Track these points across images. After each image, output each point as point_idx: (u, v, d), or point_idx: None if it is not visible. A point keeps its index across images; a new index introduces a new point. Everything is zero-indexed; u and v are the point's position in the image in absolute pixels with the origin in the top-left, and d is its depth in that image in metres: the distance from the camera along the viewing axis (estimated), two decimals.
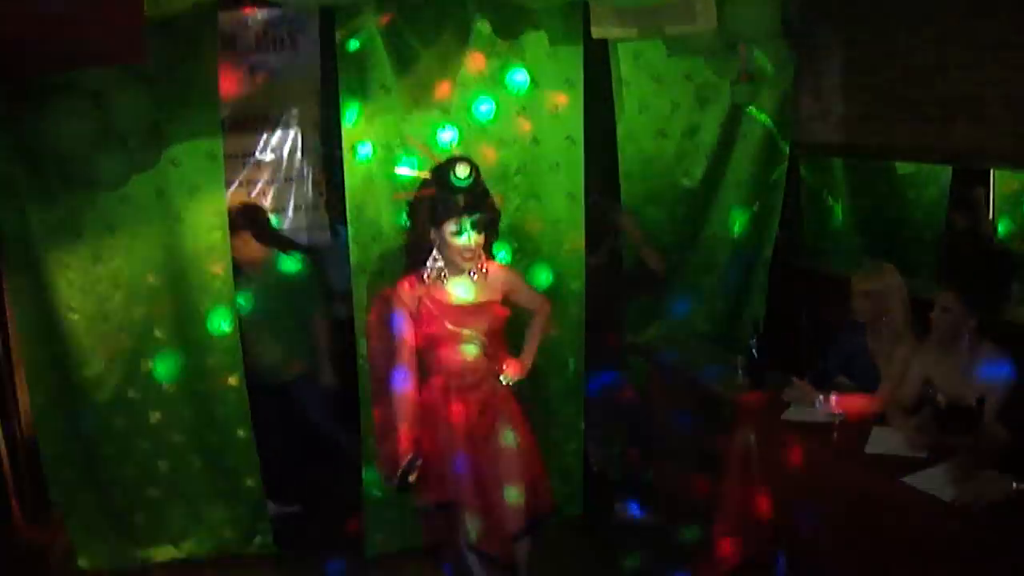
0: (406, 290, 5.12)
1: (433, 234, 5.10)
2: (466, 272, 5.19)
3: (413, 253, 5.25)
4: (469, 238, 5.04)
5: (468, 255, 5.08)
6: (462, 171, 4.94)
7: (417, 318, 5.12)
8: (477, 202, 5.06)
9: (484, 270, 5.23)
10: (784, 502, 5.20)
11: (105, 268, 5.61)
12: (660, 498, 6.41)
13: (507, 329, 5.39)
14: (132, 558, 5.92)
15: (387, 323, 5.14)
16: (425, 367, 5.21)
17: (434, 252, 5.14)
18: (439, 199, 5.01)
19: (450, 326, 5.10)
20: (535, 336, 5.52)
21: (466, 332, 5.13)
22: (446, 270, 5.15)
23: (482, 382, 5.22)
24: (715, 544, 5.50)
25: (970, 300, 4.93)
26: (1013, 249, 6.76)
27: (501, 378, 5.29)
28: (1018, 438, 4.56)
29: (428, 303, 5.10)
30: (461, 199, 4.99)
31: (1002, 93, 5.27)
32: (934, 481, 4.44)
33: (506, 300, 5.33)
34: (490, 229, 5.22)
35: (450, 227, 5.02)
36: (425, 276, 5.14)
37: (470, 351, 5.16)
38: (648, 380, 6.58)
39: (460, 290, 5.19)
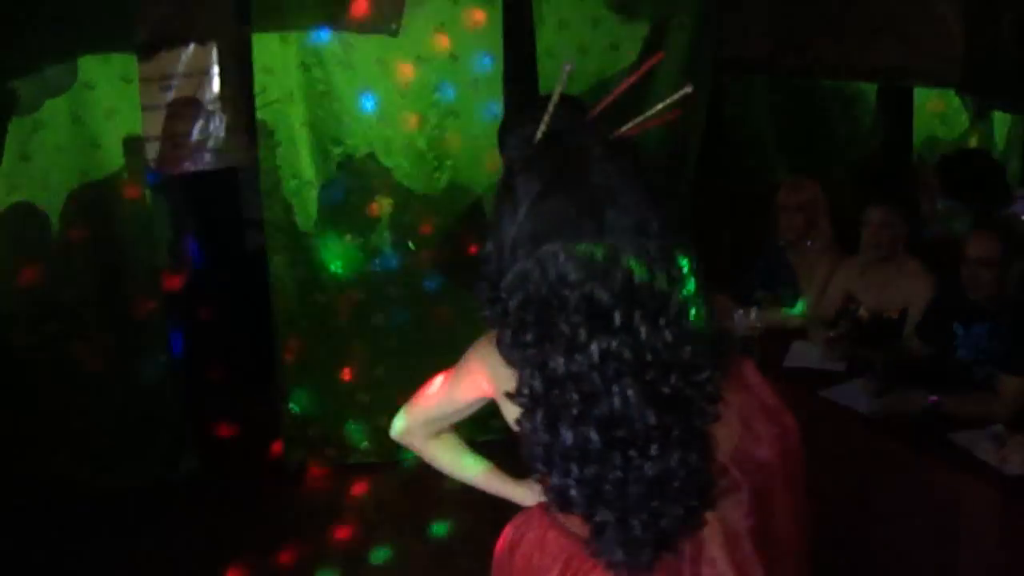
0: None
1: None
2: None
3: None
4: None
5: None
6: None
7: None
8: None
9: None
10: None
11: (20, 197, 5.44)
12: None
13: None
14: (56, 490, 5.80)
15: None
16: None
17: None
18: None
19: None
20: None
21: None
22: None
23: None
24: None
25: (904, 215, 4.98)
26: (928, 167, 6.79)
27: None
28: (933, 351, 4.60)
29: None
30: None
31: (925, 10, 5.26)
32: (851, 394, 4.48)
33: None
34: None
35: None
36: None
37: None
38: None
39: None
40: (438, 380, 2.42)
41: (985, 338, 4.37)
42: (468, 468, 2.61)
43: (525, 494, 2.54)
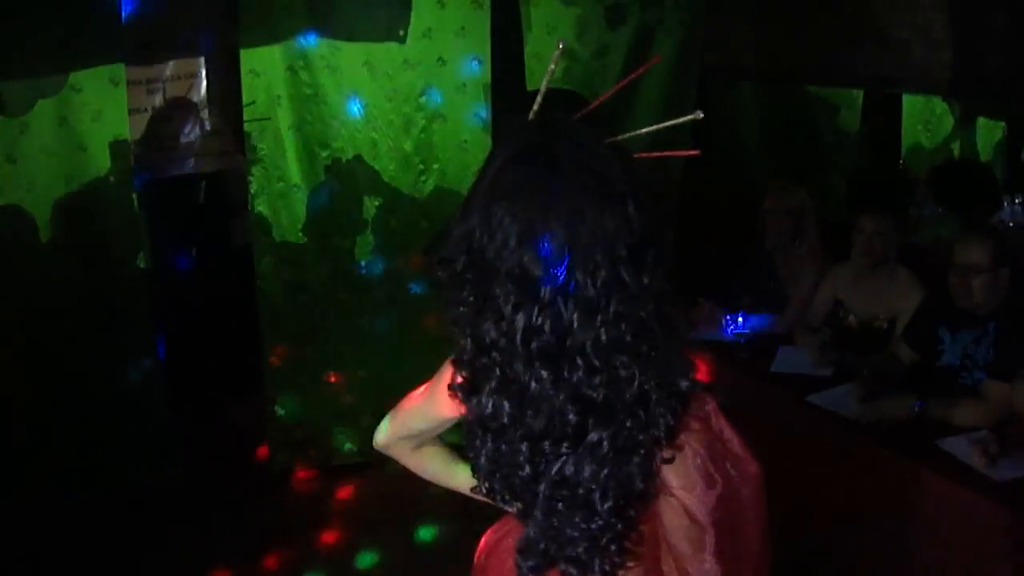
0: None
1: None
2: None
3: None
4: None
5: None
6: None
7: None
8: None
9: None
10: None
11: (7, 201, 5.41)
12: None
13: None
14: (40, 494, 5.76)
15: None
16: None
17: None
18: None
19: None
20: None
21: None
22: None
23: None
24: None
25: (896, 223, 5.01)
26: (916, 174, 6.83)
27: None
28: (920, 357, 4.61)
29: None
30: None
31: (910, 17, 5.27)
32: (839, 400, 4.49)
33: None
34: None
35: None
36: None
37: None
38: None
39: None
40: (418, 393, 2.37)
41: (972, 344, 4.39)
42: (453, 476, 2.53)
43: None
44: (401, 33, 5.73)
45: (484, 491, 2.06)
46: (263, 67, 5.60)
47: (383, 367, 6.02)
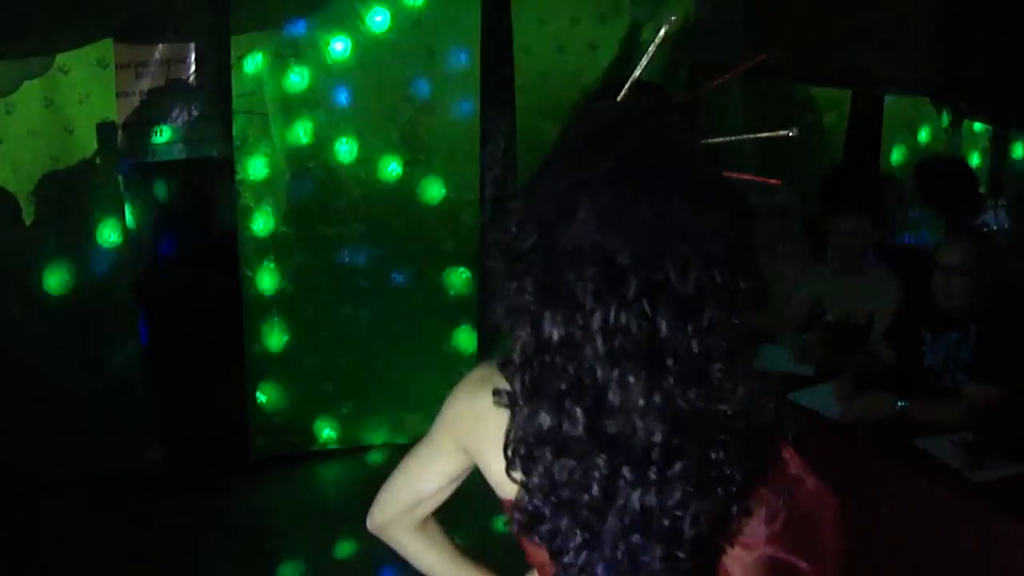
0: None
1: None
2: None
3: None
4: None
5: None
6: None
7: None
8: None
9: None
10: None
11: None
12: None
13: None
14: (20, 479, 5.74)
15: None
16: None
17: None
18: None
19: None
20: None
21: None
22: None
23: None
24: None
25: (874, 223, 5.02)
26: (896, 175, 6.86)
27: None
28: (902, 357, 4.62)
29: None
30: None
31: (900, 17, 5.29)
32: (820, 398, 4.49)
33: None
34: None
35: None
36: None
37: None
38: None
39: None
40: (414, 450, 2.08)
41: (954, 346, 4.40)
42: (456, 571, 2.23)
43: None
44: (389, 23, 5.73)
45: (520, 520, 1.71)
46: (252, 54, 5.60)
47: (365, 356, 6.05)
